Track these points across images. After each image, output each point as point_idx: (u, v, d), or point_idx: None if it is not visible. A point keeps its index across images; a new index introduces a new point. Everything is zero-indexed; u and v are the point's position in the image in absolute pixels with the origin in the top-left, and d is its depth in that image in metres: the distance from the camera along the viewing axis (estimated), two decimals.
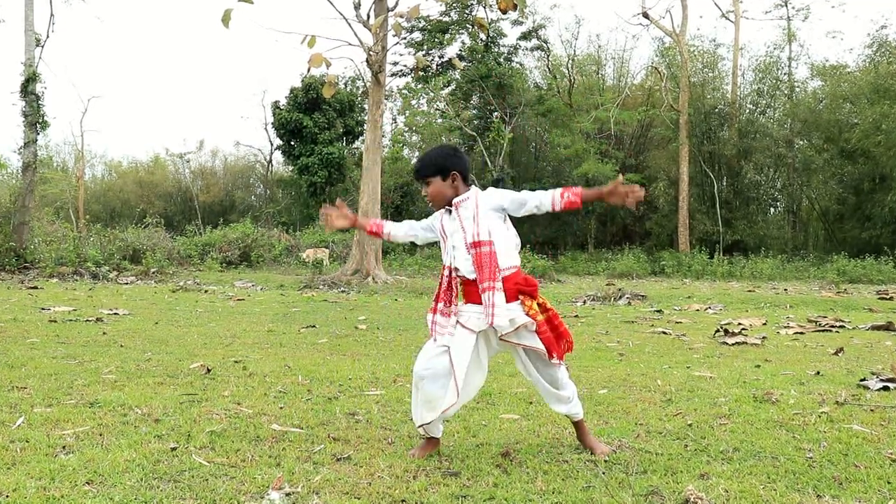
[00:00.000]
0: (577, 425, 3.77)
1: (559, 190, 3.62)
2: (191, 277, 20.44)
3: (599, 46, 40.77)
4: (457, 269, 3.59)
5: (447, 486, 3.14)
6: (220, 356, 6.65)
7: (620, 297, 15.38)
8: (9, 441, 3.65)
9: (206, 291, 16.13)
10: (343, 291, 17.40)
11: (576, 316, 11.82)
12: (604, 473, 3.35)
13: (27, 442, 3.66)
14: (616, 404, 4.83)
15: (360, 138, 41.06)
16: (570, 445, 3.82)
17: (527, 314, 3.52)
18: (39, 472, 3.17)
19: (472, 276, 3.54)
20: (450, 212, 3.69)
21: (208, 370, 5.77)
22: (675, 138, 34.17)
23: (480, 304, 3.50)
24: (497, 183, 36.40)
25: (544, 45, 39.72)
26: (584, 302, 15.13)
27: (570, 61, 39.60)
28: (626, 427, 4.22)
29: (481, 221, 3.58)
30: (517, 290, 3.55)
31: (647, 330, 9.79)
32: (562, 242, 39.21)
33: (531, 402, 4.84)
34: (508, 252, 3.59)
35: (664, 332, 9.37)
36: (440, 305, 3.63)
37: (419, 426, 3.63)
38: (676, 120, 33.58)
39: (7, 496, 2.88)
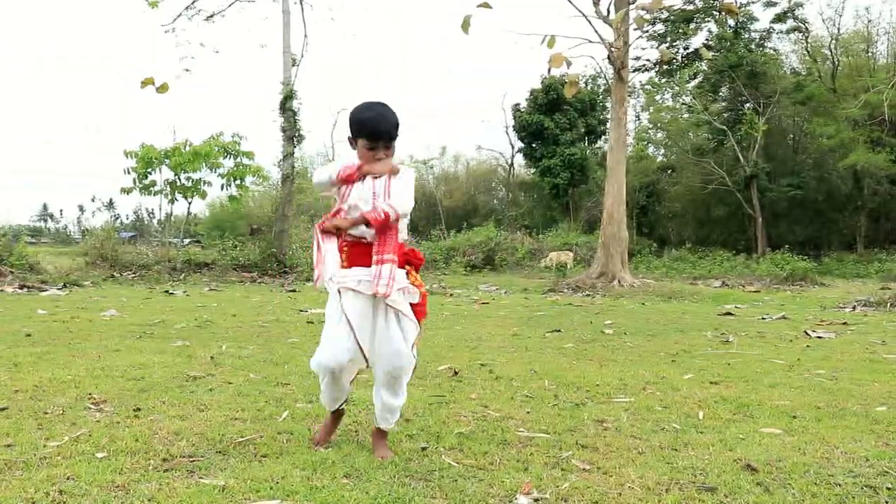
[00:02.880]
0: (379, 433, 3.79)
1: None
2: (436, 281, 21.21)
3: (869, 21, 37.37)
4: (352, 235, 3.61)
5: (703, 502, 3.02)
6: (466, 359, 6.84)
7: None
8: (276, 433, 4.00)
9: (451, 295, 16.69)
10: (588, 295, 17.31)
11: (844, 323, 10.93)
12: (887, 502, 3.06)
13: (291, 434, 3.99)
14: None
15: (603, 138, 40.75)
16: (843, 468, 3.53)
17: (412, 284, 3.64)
18: (303, 463, 3.45)
19: (367, 239, 3.59)
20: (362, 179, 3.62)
21: (455, 373, 5.96)
22: None
23: (367, 266, 3.55)
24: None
25: (802, 25, 37.20)
26: (854, 308, 13.97)
27: (834, 41, 36.76)
28: None
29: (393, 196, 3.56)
30: (405, 259, 3.66)
31: None
32: (825, 242, 36.59)
33: (794, 417, 4.54)
34: (404, 228, 3.67)
35: None
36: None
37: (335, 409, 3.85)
38: None
39: (277, 482, 3.17)
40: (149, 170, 22.33)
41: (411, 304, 3.65)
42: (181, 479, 3.19)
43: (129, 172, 22.22)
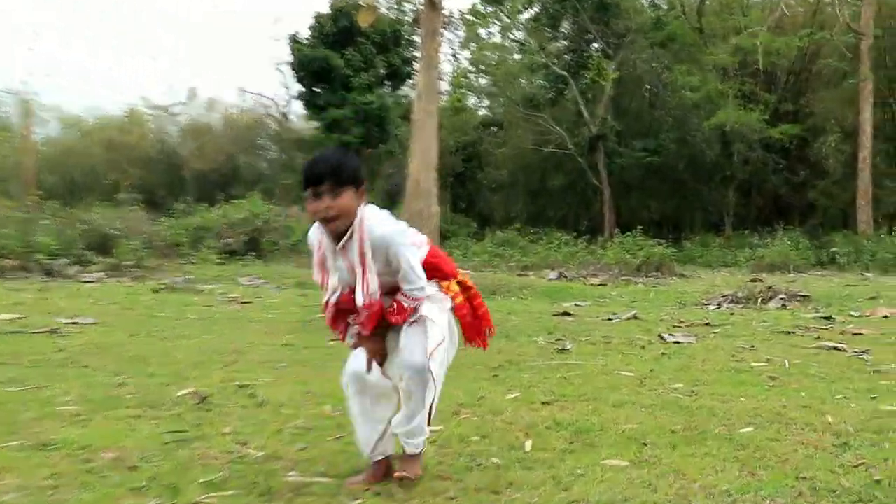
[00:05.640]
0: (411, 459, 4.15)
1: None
2: (179, 273, 20.75)
3: None
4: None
5: None
6: (217, 379, 6.73)
7: (771, 298, 15.11)
8: None
9: (200, 291, 16.35)
10: None
11: (707, 324, 11.63)
12: None
13: None
14: (767, 448, 4.72)
15: (409, 82, 41.12)
16: None
17: (445, 293, 4.18)
18: None
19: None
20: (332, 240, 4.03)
21: (203, 398, 5.83)
22: (852, 72, 33.25)
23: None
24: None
25: None
26: (720, 305, 14.91)
27: None
28: (781, 480, 4.12)
29: (370, 276, 3.97)
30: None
31: (810, 344, 9.57)
32: (686, 222, 38.66)
33: (645, 444, 4.77)
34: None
35: (836, 348, 9.14)
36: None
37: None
38: (855, 46, 32.60)
39: None
40: None
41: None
42: None
43: None
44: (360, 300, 3.91)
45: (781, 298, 15.08)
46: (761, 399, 6.18)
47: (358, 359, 4.03)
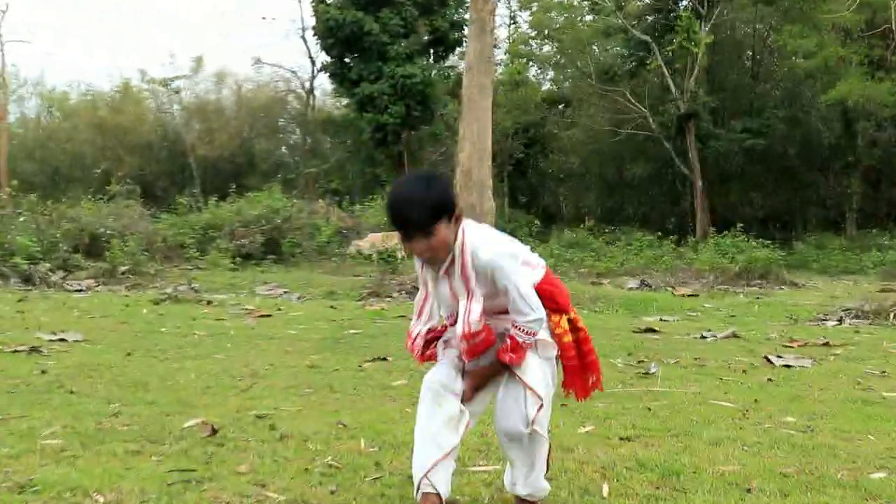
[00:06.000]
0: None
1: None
2: (184, 280, 20.82)
3: None
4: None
5: None
6: (232, 408, 6.76)
7: None
8: None
9: (209, 303, 16.42)
10: None
11: (826, 343, 11.52)
12: None
13: None
14: None
15: (458, 50, 41.01)
16: None
17: (553, 332, 4.28)
18: None
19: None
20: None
21: (214, 431, 5.86)
22: None
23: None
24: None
25: None
26: (841, 320, 14.74)
27: None
28: None
29: (474, 304, 4.14)
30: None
31: None
32: (798, 219, 38.21)
33: (749, 490, 4.74)
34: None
35: None
36: None
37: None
38: None
39: None
40: None
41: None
42: None
43: None
44: (459, 329, 4.07)
45: None
46: (895, 437, 6.11)
47: (445, 367, 4.26)
